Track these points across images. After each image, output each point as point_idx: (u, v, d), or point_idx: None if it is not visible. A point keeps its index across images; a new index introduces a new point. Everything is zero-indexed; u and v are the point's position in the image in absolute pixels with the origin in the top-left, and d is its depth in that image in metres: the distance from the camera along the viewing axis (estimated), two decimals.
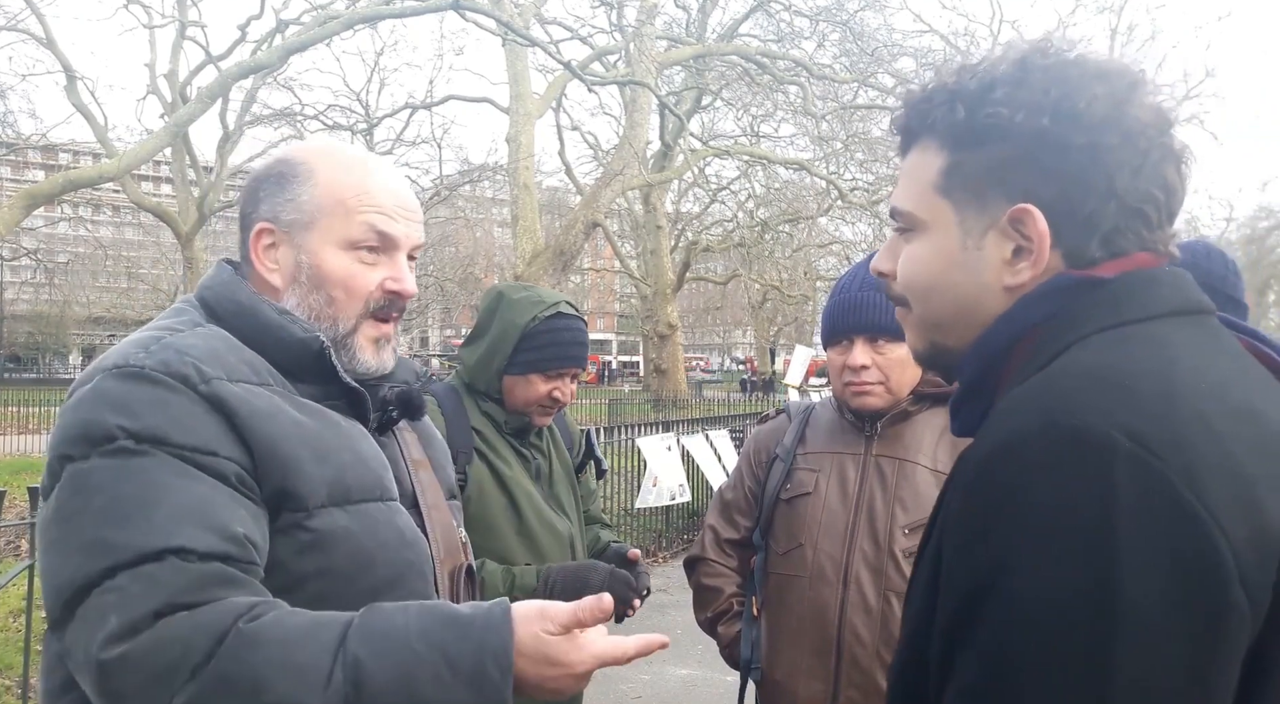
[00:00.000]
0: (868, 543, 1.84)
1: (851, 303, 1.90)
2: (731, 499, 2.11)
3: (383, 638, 0.94)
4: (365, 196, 1.18)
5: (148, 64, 18.74)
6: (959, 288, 0.87)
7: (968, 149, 0.85)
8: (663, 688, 4.77)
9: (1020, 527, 0.68)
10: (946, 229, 0.87)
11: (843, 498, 1.90)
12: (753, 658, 1.95)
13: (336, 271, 1.17)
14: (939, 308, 0.89)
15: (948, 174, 0.86)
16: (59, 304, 36.10)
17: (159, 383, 1.02)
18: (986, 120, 0.83)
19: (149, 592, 0.91)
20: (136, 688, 0.90)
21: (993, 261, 0.84)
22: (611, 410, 17.72)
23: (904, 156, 0.93)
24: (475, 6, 9.86)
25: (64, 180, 10.71)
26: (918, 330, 0.93)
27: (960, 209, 0.86)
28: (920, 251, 0.89)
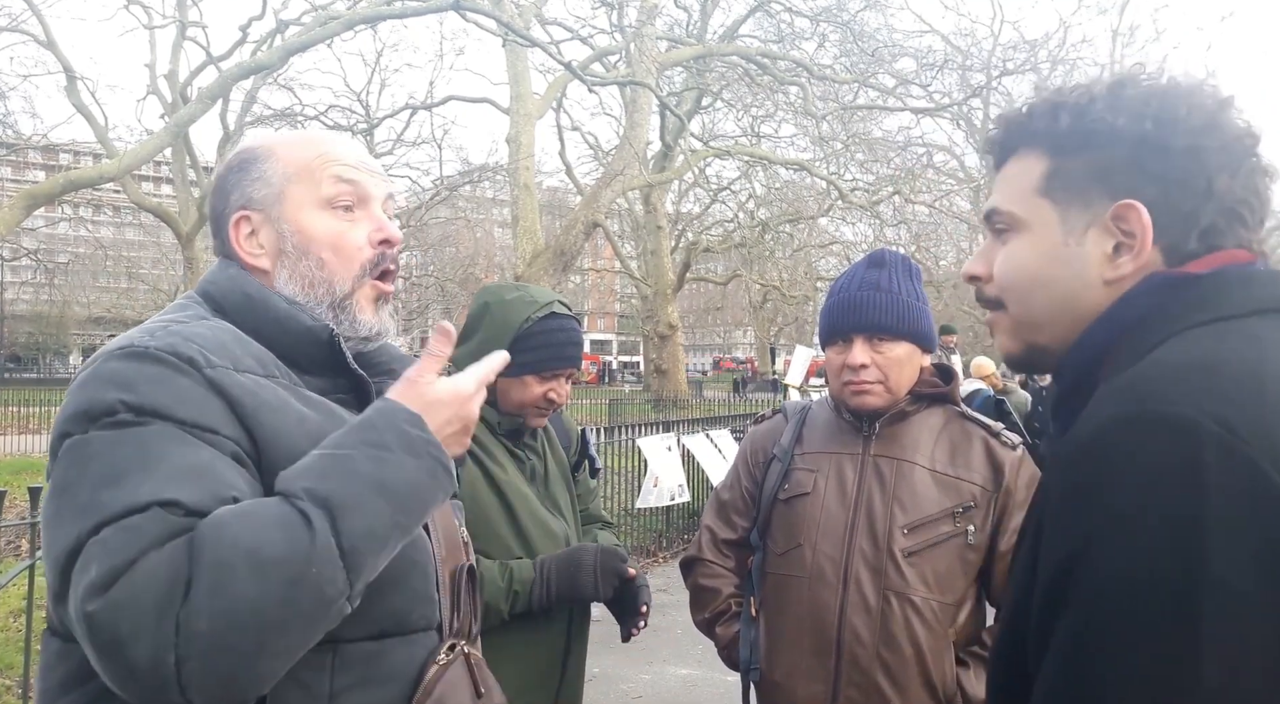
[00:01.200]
0: (866, 543, 1.84)
1: (850, 302, 1.90)
2: (728, 500, 2.11)
3: (311, 469, 0.98)
4: (327, 156, 1.20)
5: (148, 64, 18.74)
6: (1059, 283, 0.91)
7: (1071, 154, 0.91)
8: (663, 688, 4.78)
9: (1112, 503, 0.71)
10: (1048, 227, 0.92)
11: (841, 498, 1.89)
12: (751, 659, 1.95)
13: (320, 232, 1.18)
14: (1039, 305, 0.93)
15: (1050, 177, 0.92)
16: (59, 304, 36.14)
17: (163, 362, 1.01)
18: (1091, 126, 0.89)
19: (129, 541, 0.90)
20: (133, 629, 0.87)
21: (1094, 257, 0.89)
22: (611, 410, 17.72)
23: (999, 170, 0.98)
24: (476, 7, 9.86)
25: (64, 180, 10.71)
26: (1013, 332, 0.97)
27: (1062, 208, 0.91)
28: (1020, 249, 0.94)
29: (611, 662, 5.02)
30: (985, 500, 1.86)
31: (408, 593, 1.10)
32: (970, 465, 1.88)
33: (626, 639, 2.00)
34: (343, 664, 1.03)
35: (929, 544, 1.82)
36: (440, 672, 1.12)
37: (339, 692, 1.03)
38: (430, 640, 1.14)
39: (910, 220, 21.31)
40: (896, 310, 1.87)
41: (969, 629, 1.86)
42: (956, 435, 1.93)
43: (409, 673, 1.10)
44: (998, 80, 24.26)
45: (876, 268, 1.93)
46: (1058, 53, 25.68)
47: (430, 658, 1.12)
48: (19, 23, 16.48)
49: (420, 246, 30.90)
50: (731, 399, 23.00)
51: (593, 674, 4.72)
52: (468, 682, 1.16)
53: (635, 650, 5.26)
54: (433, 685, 1.10)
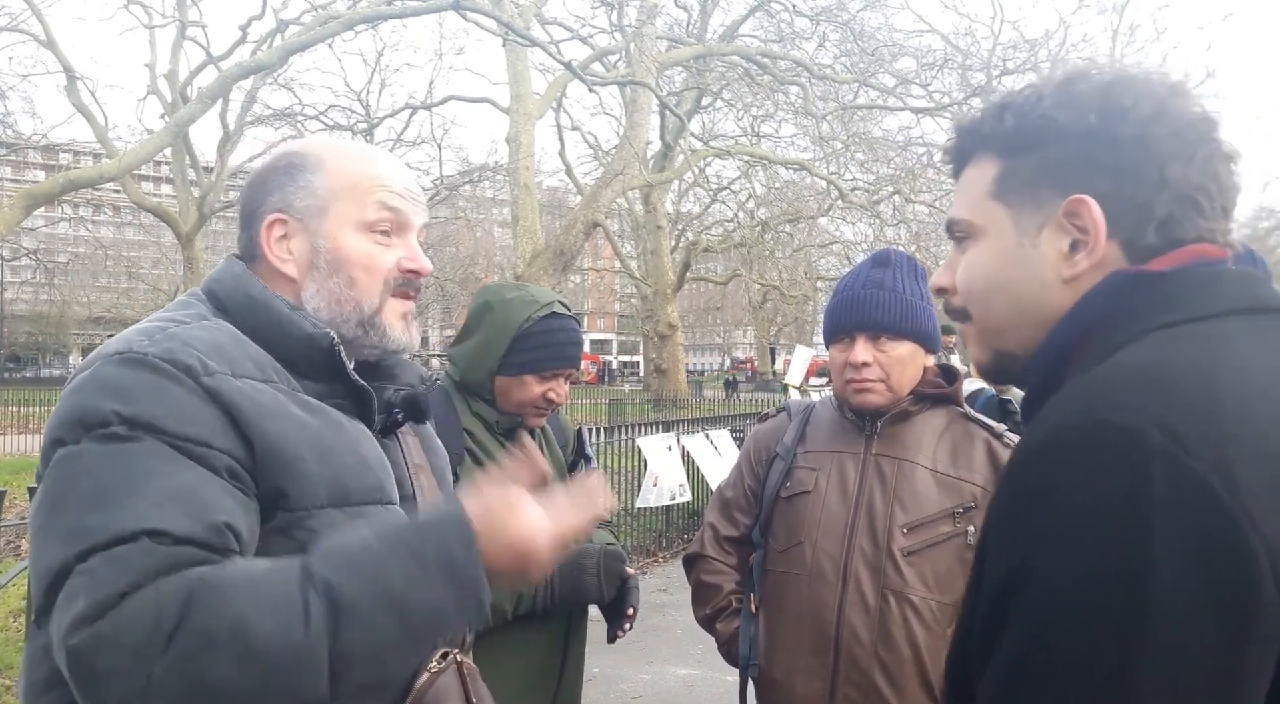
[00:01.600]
0: (867, 542, 1.85)
1: (854, 300, 1.91)
2: (731, 497, 2.12)
3: (343, 555, 0.95)
4: (376, 179, 1.20)
5: (148, 64, 18.75)
6: (1017, 286, 0.89)
7: (1019, 155, 0.89)
8: (663, 688, 4.77)
9: (1055, 517, 0.68)
10: (1002, 231, 0.90)
11: (842, 496, 1.90)
12: (750, 655, 1.96)
13: (355, 253, 1.18)
14: (1000, 310, 0.91)
15: (1001, 180, 0.90)
16: (59, 304, 36.13)
17: (160, 371, 1.00)
18: (1036, 123, 0.86)
19: (117, 573, 0.89)
20: (110, 669, 0.86)
21: (1050, 257, 0.87)
22: (611, 410, 17.73)
23: (957, 179, 0.96)
24: (475, 7, 9.86)
25: (64, 180, 10.70)
26: (980, 341, 0.95)
27: (1015, 210, 0.89)
28: (978, 256, 0.92)
29: (611, 662, 5.02)
30: (986, 501, 1.84)
31: None
32: (972, 466, 1.88)
33: (612, 640, 2.01)
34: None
35: (929, 544, 1.83)
36: (431, 680, 1.11)
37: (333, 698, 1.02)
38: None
39: (910, 220, 21.28)
40: (899, 310, 1.88)
41: None
42: (959, 436, 1.93)
43: (400, 681, 1.09)
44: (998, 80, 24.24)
45: (881, 267, 1.93)
46: (1058, 52, 25.68)
47: (422, 667, 1.11)
48: (19, 22, 16.48)
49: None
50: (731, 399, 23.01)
51: (592, 674, 4.71)
52: (459, 690, 1.15)
53: (635, 650, 5.26)
54: (423, 694, 1.10)
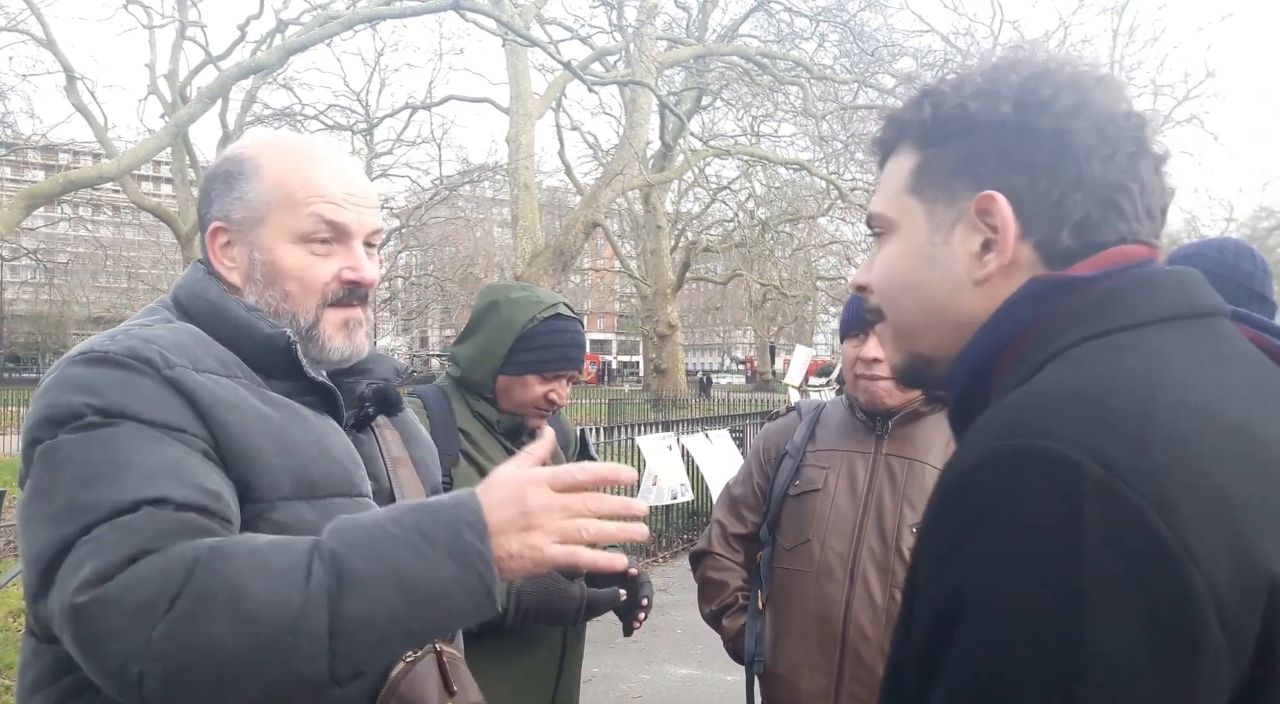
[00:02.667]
0: (875, 540, 1.85)
1: None
2: (740, 495, 2.12)
3: (355, 530, 0.94)
4: (311, 187, 1.17)
5: (148, 64, 18.74)
6: (928, 285, 0.83)
7: (935, 146, 0.82)
8: (663, 688, 4.77)
9: (987, 548, 0.64)
10: (915, 226, 0.84)
11: (851, 495, 1.90)
12: (756, 651, 1.96)
13: (289, 266, 1.17)
14: (910, 310, 0.85)
15: (917, 172, 0.84)
16: (59, 304, 36.10)
17: (124, 366, 1.01)
18: (951, 113, 0.81)
19: (124, 539, 0.90)
20: (113, 628, 0.87)
21: (961, 256, 0.81)
22: (611, 410, 17.73)
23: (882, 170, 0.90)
24: (475, 7, 9.86)
25: (64, 180, 10.71)
26: (893, 342, 0.89)
27: (929, 205, 0.83)
28: (890, 252, 0.87)
29: (611, 661, 5.02)
30: None
31: None
32: None
33: (629, 633, 2.00)
34: None
35: None
36: (406, 669, 1.12)
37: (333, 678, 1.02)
38: None
39: None
40: None
41: None
42: None
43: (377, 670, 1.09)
44: None
45: None
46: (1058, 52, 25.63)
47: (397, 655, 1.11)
48: (18, 22, 16.48)
49: (420, 246, 30.91)
50: (731, 399, 22.99)
51: (592, 674, 4.71)
52: (437, 679, 1.15)
53: (635, 650, 5.25)
54: (398, 682, 1.10)
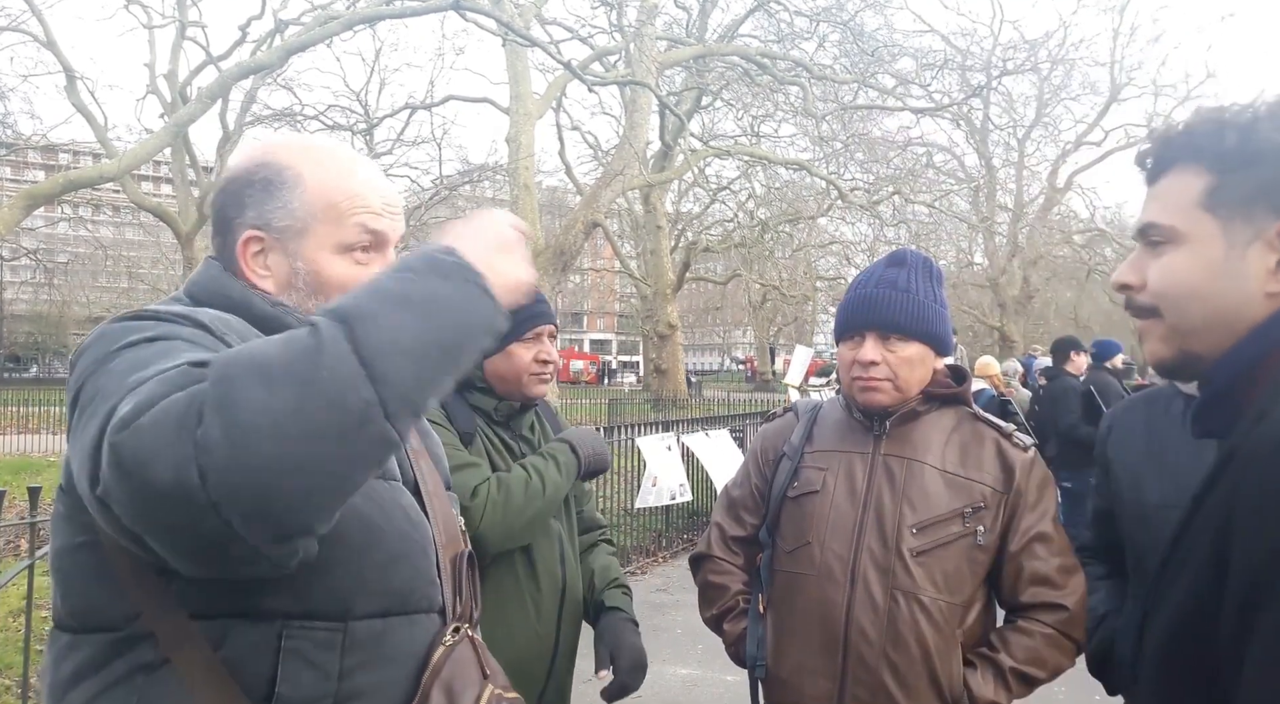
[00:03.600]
0: (875, 542, 1.84)
1: (867, 298, 1.90)
2: (738, 497, 2.11)
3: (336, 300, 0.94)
4: (356, 199, 1.19)
5: (148, 64, 18.75)
6: (1220, 296, 0.95)
7: (1235, 171, 0.95)
8: (663, 688, 4.77)
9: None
10: (1210, 241, 0.96)
11: (850, 496, 1.89)
12: (759, 655, 1.95)
13: (335, 276, 1.18)
14: (1197, 315, 0.97)
15: (1213, 193, 0.96)
16: (59, 304, 36.10)
17: (160, 317, 1.03)
18: (1258, 144, 0.93)
19: (160, 386, 0.88)
20: (156, 446, 0.83)
21: (1256, 271, 0.93)
22: (611, 410, 17.72)
23: (1151, 184, 1.02)
24: (475, 7, 9.85)
25: (64, 180, 10.70)
26: (1168, 339, 1.01)
27: (1225, 223, 0.95)
28: (1180, 262, 0.98)
29: None
30: (996, 501, 1.85)
31: (409, 571, 1.11)
32: (981, 466, 1.88)
33: None
34: (352, 643, 1.04)
35: (938, 544, 1.82)
36: (448, 652, 1.14)
37: (348, 670, 1.04)
38: (433, 623, 1.15)
39: (910, 220, 21.30)
40: (911, 310, 1.87)
41: (977, 630, 1.85)
42: (968, 436, 1.92)
43: (415, 652, 1.11)
44: (998, 80, 24.25)
45: (896, 266, 1.92)
46: (1058, 53, 25.70)
47: (436, 640, 1.14)
48: (19, 23, 16.49)
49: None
50: (731, 399, 22.99)
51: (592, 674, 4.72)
52: (475, 662, 1.17)
53: None
54: (441, 665, 1.12)
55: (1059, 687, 2.86)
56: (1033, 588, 1.82)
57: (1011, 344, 26.50)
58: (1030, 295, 29.36)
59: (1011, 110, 28.78)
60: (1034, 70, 26.03)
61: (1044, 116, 29.25)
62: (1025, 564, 1.83)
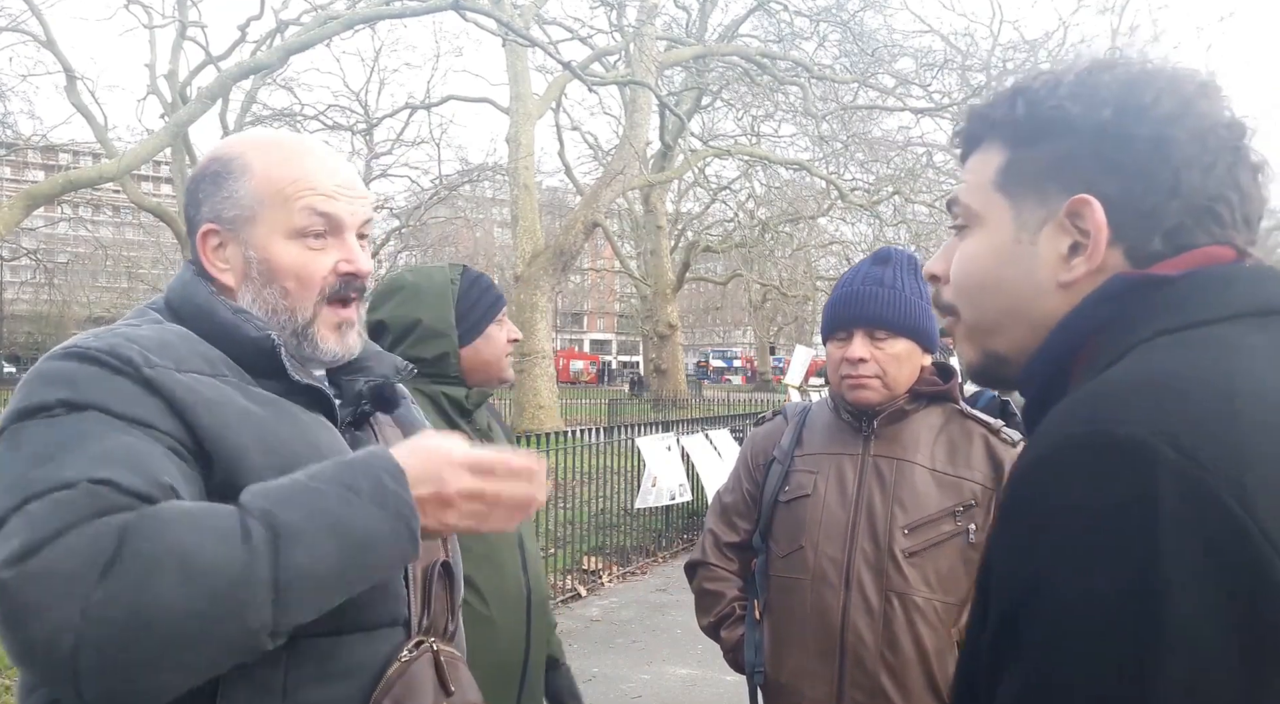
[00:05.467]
0: (868, 544, 1.84)
1: (853, 295, 1.90)
2: (730, 503, 2.10)
3: (278, 490, 0.95)
4: (302, 181, 1.16)
5: (148, 64, 18.74)
6: (1010, 284, 0.84)
7: (1027, 144, 0.82)
8: (662, 688, 4.77)
9: (1062, 536, 0.65)
10: (1001, 224, 0.84)
11: (842, 499, 1.89)
12: (757, 661, 1.95)
13: (286, 262, 1.16)
14: (989, 308, 0.86)
15: (1006, 170, 0.84)
16: (59, 304, 36.06)
17: (102, 363, 1.01)
18: (1048, 113, 0.81)
19: (56, 513, 0.87)
20: (40, 601, 0.83)
21: (1047, 257, 0.81)
22: (611, 410, 17.72)
23: (964, 163, 0.91)
24: (475, 7, 9.85)
25: (64, 181, 10.70)
26: (969, 339, 0.90)
27: (1017, 203, 0.83)
28: (973, 248, 0.87)
29: (611, 662, 5.02)
30: (986, 498, 1.85)
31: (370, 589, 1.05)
32: (970, 463, 1.88)
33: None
34: (297, 659, 1.01)
35: (930, 544, 1.82)
36: (402, 669, 1.10)
37: (294, 686, 1.01)
38: (395, 636, 1.11)
39: (910, 220, 21.29)
40: (898, 307, 1.87)
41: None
42: (956, 434, 1.92)
43: (370, 668, 1.08)
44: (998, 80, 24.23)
45: (882, 264, 1.93)
46: (1058, 53, 25.68)
47: (394, 654, 1.10)
48: (19, 23, 16.48)
49: (420, 246, 30.90)
50: (731, 399, 23.00)
51: (592, 674, 4.72)
52: (432, 678, 1.13)
53: (635, 650, 5.26)
54: (393, 682, 1.08)
55: None
56: None
57: None
58: None
59: None
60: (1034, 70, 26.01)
61: None
62: None
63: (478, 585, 1.82)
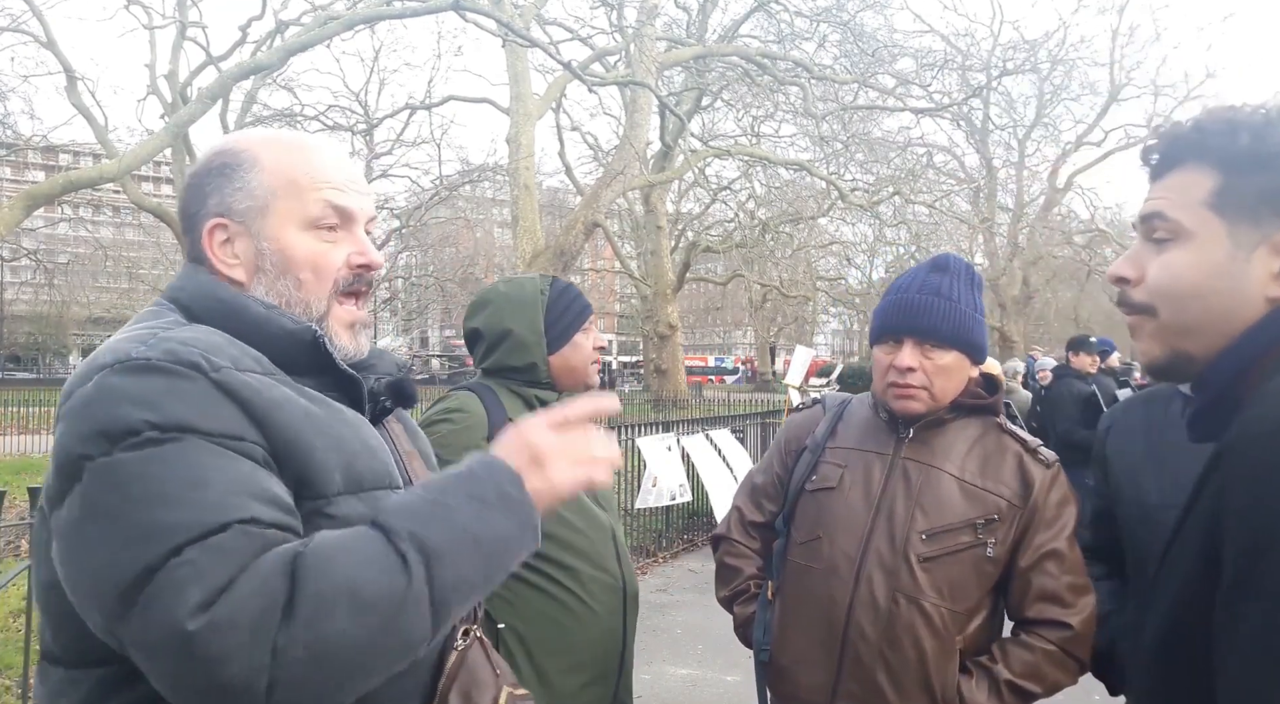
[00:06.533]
0: (884, 543, 1.85)
1: (908, 304, 1.88)
2: (761, 483, 2.13)
3: (414, 512, 0.98)
4: (316, 173, 1.16)
5: (148, 65, 18.73)
6: (1220, 297, 0.95)
7: (1245, 173, 0.94)
8: (662, 688, 4.77)
9: None
10: (1214, 241, 0.95)
11: (865, 497, 1.90)
12: (764, 640, 1.98)
13: (301, 253, 1.15)
14: (1194, 314, 0.96)
15: (1221, 193, 0.95)
16: (59, 304, 36.07)
17: (170, 372, 0.98)
18: (1270, 147, 0.93)
19: (222, 560, 0.89)
20: (231, 648, 0.86)
21: (1259, 275, 0.93)
22: None
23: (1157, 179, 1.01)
24: (475, 7, 9.85)
25: (64, 181, 10.70)
26: (1160, 337, 1.00)
27: (1231, 224, 0.94)
28: (1182, 259, 0.97)
29: None
30: (1011, 515, 1.84)
31: None
32: (1000, 478, 1.86)
33: None
34: None
35: (946, 552, 1.82)
36: (460, 657, 1.15)
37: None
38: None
39: (910, 220, 21.29)
40: (954, 319, 1.85)
41: (980, 637, 1.85)
42: (991, 447, 1.91)
43: (428, 659, 1.12)
44: (998, 80, 24.26)
45: (940, 272, 1.90)
46: (1057, 53, 25.73)
47: (448, 645, 1.14)
48: (19, 23, 16.48)
49: (420, 246, 30.93)
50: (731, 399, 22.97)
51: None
52: (486, 663, 1.19)
53: (635, 650, 5.25)
54: (456, 670, 1.13)
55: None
56: (1039, 604, 1.81)
57: (1012, 344, 26.52)
58: (1030, 296, 29.39)
59: (1011, 110, 28.83)
60: (1034, 70, 26.05)
61: (1044, 117, 29.29)
62: (1034, 580, 1.82)
63: (583, 579, 1.96)
